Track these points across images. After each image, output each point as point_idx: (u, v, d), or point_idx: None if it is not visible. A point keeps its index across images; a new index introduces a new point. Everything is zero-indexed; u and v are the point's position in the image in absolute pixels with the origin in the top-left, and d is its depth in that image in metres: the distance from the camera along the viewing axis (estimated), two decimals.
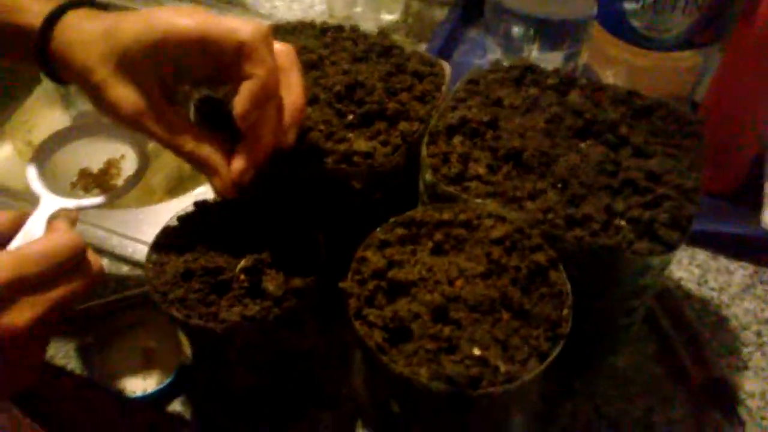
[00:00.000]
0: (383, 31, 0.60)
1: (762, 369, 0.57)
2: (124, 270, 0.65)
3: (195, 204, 0.51)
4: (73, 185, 0.54)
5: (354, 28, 0.61)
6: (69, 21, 0.47)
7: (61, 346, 0.60)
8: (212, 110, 0.51)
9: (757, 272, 0.64)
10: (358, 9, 0.88)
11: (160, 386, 0.55)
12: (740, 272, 0.64)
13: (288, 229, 0.48)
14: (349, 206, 0.51)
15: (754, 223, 0.64)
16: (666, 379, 0.56)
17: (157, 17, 0.43)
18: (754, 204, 0.65)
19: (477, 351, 0.38)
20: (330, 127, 0.51)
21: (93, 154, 0.55)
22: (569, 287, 0.41)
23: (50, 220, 0.47)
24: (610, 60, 0.67)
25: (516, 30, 0.76)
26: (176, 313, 0.44)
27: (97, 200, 0.51)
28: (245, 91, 0.42)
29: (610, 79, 0.67)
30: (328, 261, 0.47)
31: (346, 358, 0.56)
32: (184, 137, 0.46)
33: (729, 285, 0.63)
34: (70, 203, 0.49)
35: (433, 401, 0.39)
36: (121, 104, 0.44)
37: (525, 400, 0.44)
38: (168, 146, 0.46)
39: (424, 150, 0.49)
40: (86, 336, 0.60)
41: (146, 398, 0.55)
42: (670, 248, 0.43)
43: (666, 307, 0.59)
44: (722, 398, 0.55)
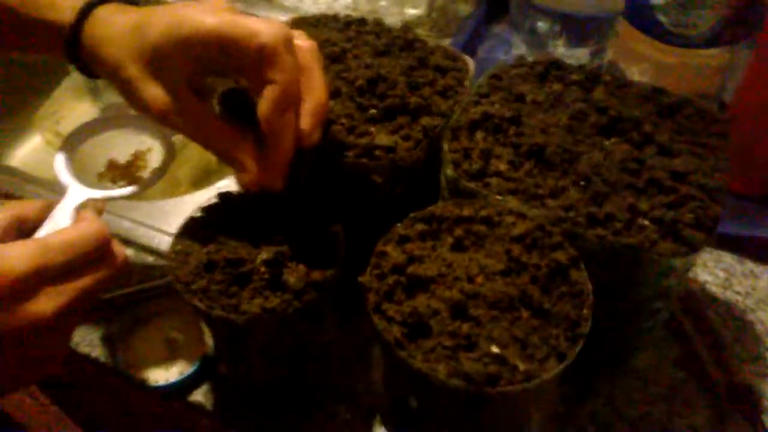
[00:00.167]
0: (406, 25, 0.60)
1: None
2: (149, 260, 0.66)
3: (218, 195, 0.51)
4: (101, 176, 0.54)
5: (377, 22, 0.61)
6: (99, 16, 0.47)
7: (86, 335, 0.61)
8: (236, 101, 0.52)
9: None
10: (383, 3, 0.88)
11: (182, 376, 0.56)
12: (766, 276, 0.63)
13: (309, 222, 0.49)
14: (370, 200, 0.51)
15: None
16: (688, 384, 0.55)
17: (184, 14, 0.44)
18: None
19: (495, 349, 0.38)
20: (352, 121, 0.51)
21: (121, 146, 0.55)
22: (590, 287, 0.41)
23: (77, 210, 0.47)
24: (637, 57, 0.66)
25: (541, 25, 0.75)
26: (198, 304, 0.44)
27: (124, 191, 0.51)
28: (267, 97, 0.43)
29: (636, 76, 0.66)
30: (348, 255, 0.47)
31: (364, 353, 0.56)
32: (212, 133, 0.47)
33: (754, 289, 0.62)
34: (98, 194, 0.50)
35: (451, 398, 0.39)
36: (151, 101, 0.45)
37: (543, 400, 0.44)
38: (196, 141, 0.47)
39: (446, 145, 0.49)
40: (111, 325, 0.61)
41: (168, 387, 0.56)
42: (694, 249, 0.43)
43: (689, 310, 0.58)
44: (745, 404, 0.54)
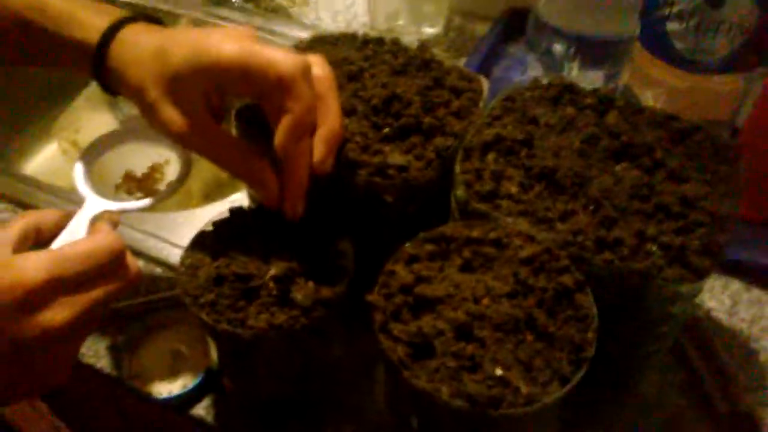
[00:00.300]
0: (423, 45, 0.61)
1: None
2: (157, 272, 0.66)
3: (230, 210, 0.52)
4: (118, 187, 0.55)
5: (395, 41, 0.61)
6: (124, 37, 0.49)
7: (92, 345, 0.61)
8: (253, 118, 0.53)
9: None
10: (401, 22, 0.89)
11: (185, 389, 0.56)
12: None
13: (319, 239, 0.49)
14: (381, 219, 0.51)
15: None
16: (691, 410, 0.55)
17: (206, 42, 0.45)
18: None
19: (499, 371, 0.38)
20: (366, 140, 0.51)
21: (138, 158, 0.56)
22: (595, 311, 0.41)
23: (94, 222, 0.48)
24: (651, 81, 0.66)
25: (557, 47, 0.76)
26: (206, 318, 0.45)
27: (140, 204, 0.52)
28: (283, 125, 0.45)
29: (650, 101, 0.66)
30: (358, 272, 0.47)
31: (370, 369, 0.56)
32: (231, 153, 0.48)
33: (760, 317, 0.61)
34: (114, 206, 0.50)
35: (453, 419, 0.39)
36: (169, 123, 0.47)
37: (545, 423, 0.44)
38: (213, 162, 0.48)
39: (458, 166, 0.49)
40: (117, 335, 0.61)
41: (171, 400, 0.56)
42: (701, 276, 0.43)
43: (694, 337, 0.58)
44: None
